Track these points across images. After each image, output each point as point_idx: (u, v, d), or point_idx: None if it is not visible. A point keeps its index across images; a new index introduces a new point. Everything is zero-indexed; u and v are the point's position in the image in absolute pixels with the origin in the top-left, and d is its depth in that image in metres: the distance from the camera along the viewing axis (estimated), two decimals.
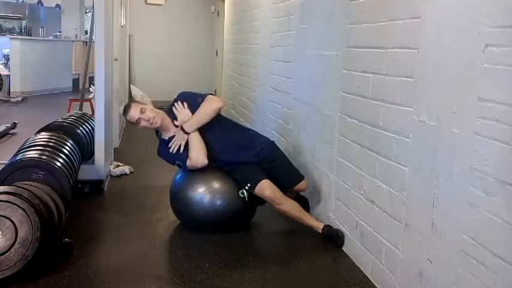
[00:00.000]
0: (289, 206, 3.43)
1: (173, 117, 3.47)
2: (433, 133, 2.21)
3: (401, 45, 2.51)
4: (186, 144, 3.39)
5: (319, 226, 3.39)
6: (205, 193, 3.38)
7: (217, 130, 3.46)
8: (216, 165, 3.45)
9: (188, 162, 3.39)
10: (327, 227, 3.36)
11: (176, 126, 3.44)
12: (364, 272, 2.91)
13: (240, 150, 3.51)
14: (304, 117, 4.07)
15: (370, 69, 2.84)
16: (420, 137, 2.32)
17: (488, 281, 1.85)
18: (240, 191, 3.40)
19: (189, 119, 3.40)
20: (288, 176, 3.59)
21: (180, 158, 3.43)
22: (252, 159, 3.50)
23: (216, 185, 3.41)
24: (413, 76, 2.37)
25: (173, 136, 3.43)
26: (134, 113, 3.37)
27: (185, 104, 3.45)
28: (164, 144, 3.49)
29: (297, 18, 4.37)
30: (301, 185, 3.62)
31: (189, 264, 2.97)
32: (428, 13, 2.28)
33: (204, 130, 3.42)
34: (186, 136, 3.37)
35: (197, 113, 3.40)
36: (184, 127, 3.37)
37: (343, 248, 3.21)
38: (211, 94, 3.55)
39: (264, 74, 5.56)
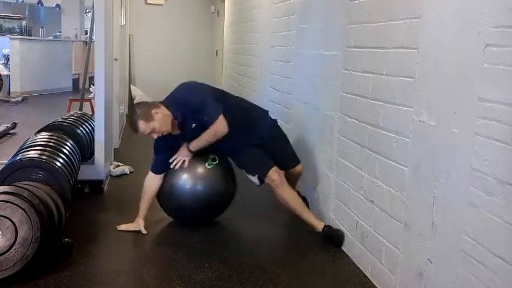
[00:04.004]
0: (292, 195, 3.47)
1: (174, 113, 3.33)
2: (433, 133, 2.21)
3: (401, 45, 2.51)
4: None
5: (319, 225, 3.39)
6: (187, 180, 3.45)
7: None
8: (215, 148, 3.46)
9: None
10: (327, 227, 3.36)
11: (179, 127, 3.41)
12: (364, 272, 2.91)
13: (241, 135, 3.48)
14: (304, 117, 4.07)
15: (370, 69, 2.84)
16: (420, 137, 2.32)
17: (488, 281, 1.85)
18: (207, 163, 3.46)
19: (196, 141, 3.39)
20: (285, 157, 3.65)
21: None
22: (252, 141, 3.52)
23: (197, 170, 3.47)
24: (413, 76, 2.37)
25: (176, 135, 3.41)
26: (144, 129, 3.28)
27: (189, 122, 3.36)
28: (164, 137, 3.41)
29: (297, 18, 4.37)
30: (298, 167, 3.68)
31: (189, 264, 2.97)
32: (428, 13, 2.28)
33: None
34: (190, 154, 3.43)
35: (204, 136, 3.38)
36: (191, 147, 3.42)
37: (343, 248, 3.21)
38: (219, 113, 3.35)
39: (264, 74, 5.56)
